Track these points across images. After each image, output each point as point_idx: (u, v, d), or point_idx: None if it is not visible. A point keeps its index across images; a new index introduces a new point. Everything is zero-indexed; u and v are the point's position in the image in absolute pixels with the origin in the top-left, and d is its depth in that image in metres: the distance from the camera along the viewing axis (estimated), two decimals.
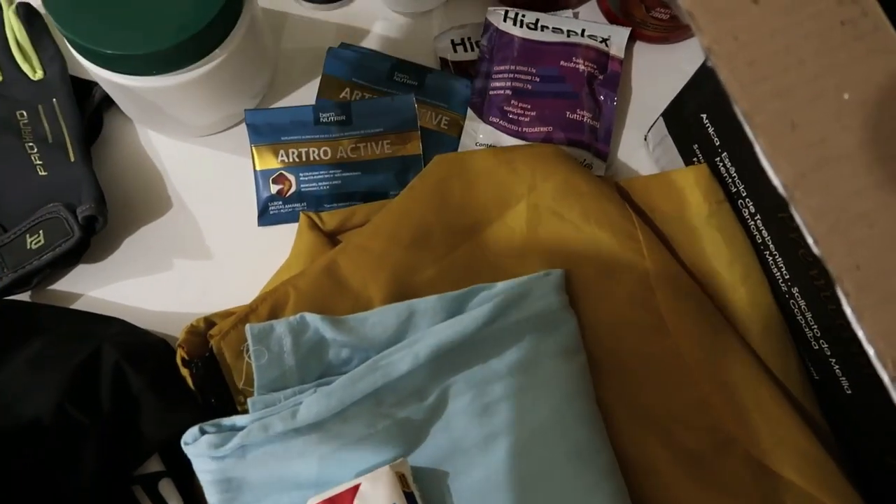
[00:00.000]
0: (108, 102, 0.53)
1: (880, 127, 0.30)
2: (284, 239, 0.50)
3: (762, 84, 0.30)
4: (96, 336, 0.43)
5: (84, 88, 0.53)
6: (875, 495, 0.44)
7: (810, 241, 0.29)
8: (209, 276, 0.51)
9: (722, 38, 0.31)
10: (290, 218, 0.52)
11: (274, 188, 0.51)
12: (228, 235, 0.52)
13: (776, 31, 0.31)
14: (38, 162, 0.50)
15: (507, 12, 0.55)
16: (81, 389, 0.41)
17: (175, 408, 0.42)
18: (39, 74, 0.53)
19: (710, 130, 0.47)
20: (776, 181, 0.30)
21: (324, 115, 0.52)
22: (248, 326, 0.43)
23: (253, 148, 0.51)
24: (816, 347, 0.44)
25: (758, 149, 0.30)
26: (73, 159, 0.50)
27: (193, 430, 0.41)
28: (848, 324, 0.29)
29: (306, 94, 0.56)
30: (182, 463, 0.42)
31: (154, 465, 0.43)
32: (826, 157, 0.29)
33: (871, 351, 0.29)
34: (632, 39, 0.58)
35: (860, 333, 0.29)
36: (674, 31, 0.57)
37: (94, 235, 0.49)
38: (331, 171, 0.52)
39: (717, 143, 0.47)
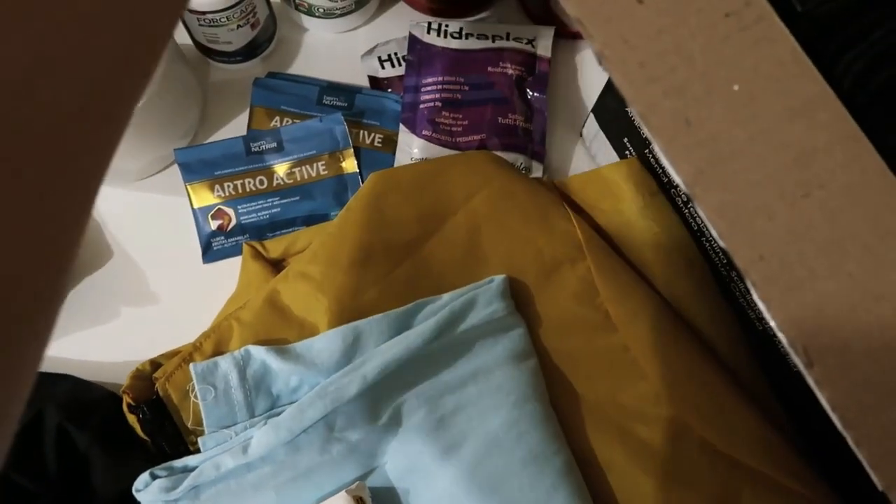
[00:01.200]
0: None
1: (770, 116, 0.30)
2: (232, 273, 0.50)
3: (654, 84, 0.31)
4: (40, 397, 0.42)
5: None
6: (831, 470, 0.44)
7: (715, 235, 0.30)
8: (158, 320, 0.51)
9: (612, 42, 0.31)
10: (235, 252, 0.52)
11: (214, 224, 0.51)
12: (174, 277, 0.52)
13: (663, 30, 0.31)
14: None
15: (429, 24, 0.55)
16: (25, 456, 0.41)
17: (126, 459, 0.42)
18: None
19: (636, 122, 0.47)
20: (678, 179, 0.30)
21: (254, 144, 0.51)
22: (192, 366, 0.42)
23: (187, 186, 0.51)
24: (760, 328, 0.45)
25: (657, 149, 0.31)
26: None
27: (144, 476, 0.41)
28: None
29: (239, 127, 0.55)
30: None
31: None
32: (721, 152, 0.30)
33: (783, 339, 0.29)
34: (558, 37, 0.58)
35: (772, 323, 0.29)
36: None
37: None
38: (269, 200, 0.52)
39: (644, 136, 0.47)
